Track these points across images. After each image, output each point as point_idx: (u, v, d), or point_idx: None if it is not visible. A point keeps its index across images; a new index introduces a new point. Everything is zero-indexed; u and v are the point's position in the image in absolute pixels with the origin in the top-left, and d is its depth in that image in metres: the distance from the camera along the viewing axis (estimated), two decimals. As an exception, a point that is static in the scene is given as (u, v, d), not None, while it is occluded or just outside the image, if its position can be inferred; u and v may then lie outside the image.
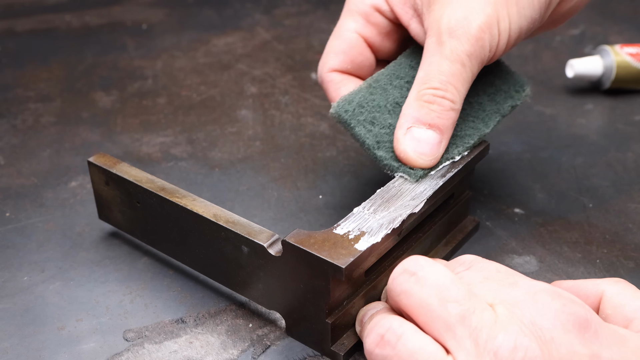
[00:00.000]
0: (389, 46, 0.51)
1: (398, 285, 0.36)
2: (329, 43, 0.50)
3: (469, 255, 0.40)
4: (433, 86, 0.44)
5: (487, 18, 0.43)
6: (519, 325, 0.33)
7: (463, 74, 0.44)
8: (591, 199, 0.57)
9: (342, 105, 0.46)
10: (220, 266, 0.46)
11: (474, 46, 0.43)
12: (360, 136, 0.45)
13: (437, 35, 0.44)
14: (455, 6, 0.44)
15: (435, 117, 0.44)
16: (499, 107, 0.49)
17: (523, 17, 0.44)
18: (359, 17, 0.49)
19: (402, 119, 0.45)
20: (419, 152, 0.44)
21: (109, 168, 0.49)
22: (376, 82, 0.48)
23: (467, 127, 0.47)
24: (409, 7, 0.48)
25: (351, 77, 0.50)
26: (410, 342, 0.35)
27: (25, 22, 0.90)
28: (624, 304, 0.37)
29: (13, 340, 0.45)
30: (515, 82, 0.50)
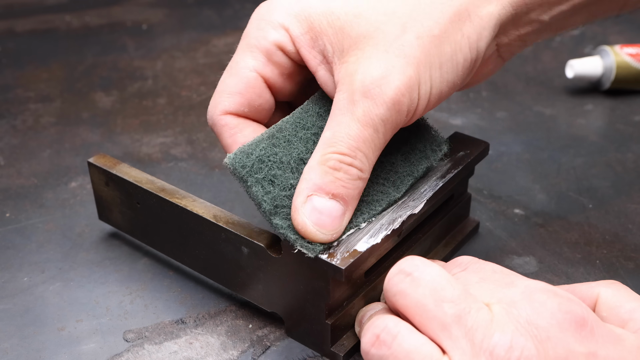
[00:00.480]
0: (290, 88, 0.45)
1: (394, 286, 0.36)
2: (223, 80, 0.44)
3: (465, 257, 0.41)
4: (340, 151, 0.39)
5: (408, 80, 0.39)
6: (515, 325, 0.34)
7: (375, 141, 0.39)
8: (591, 200, 0.57)
9: (239, 159, 0.41)
10: (220, 267, 0.46)
11: (389, 111, 0.39)
12: (257, 198, 0.40)
13: (350, 92, 0.39)
14: (372, 61, 0.39)
15: (340, 187, 0.39)
16: (412, 168, 0.44)
17: (445, 82, 0.41)
18: (260, 54, 0.43)
19: (302, 184, 0.40)
20: (319, 225, 0.39)
21: (109, 169, 0.49)
22: (280, 132, 0.42)
23: (375, 191, 0.42)
24: (317, 52, 0.42)
25: (248, 121, 0.44)
26: (405, 342, 0.35)
27: (25, 23, 0.90)
28: (619, 306, 0.37)
29: (13, 340, 0.45)
30: (432, 140, 0.46)
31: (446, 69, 0.40)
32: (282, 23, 0.42)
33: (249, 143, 0.41)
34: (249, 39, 0.43)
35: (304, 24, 0.42)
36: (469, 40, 0.41)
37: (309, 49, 0.42)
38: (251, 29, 0.44)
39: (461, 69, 0.41)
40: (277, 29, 0.42)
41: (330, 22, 0.41)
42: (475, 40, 0.41)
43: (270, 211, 0.40)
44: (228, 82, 0.44)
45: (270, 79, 0.43)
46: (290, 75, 0.44)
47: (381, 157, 0.43)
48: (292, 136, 0.42)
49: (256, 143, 0.41)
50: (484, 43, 0.41)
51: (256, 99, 0.43)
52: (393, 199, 0.43)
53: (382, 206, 0.42)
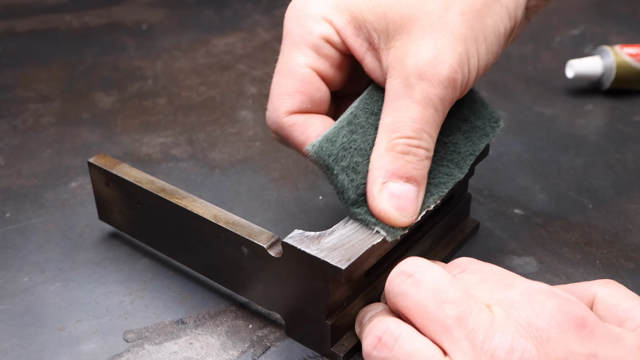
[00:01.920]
0: (341, 78, 0.45)
1: (395, 287, 0.37)
2: (277, 83, 0.44)
3: (464, 258, 0.41)
4: (406, 135, 0.40)
5: (459, 57, 0.40)
6: (516, 326, 0.34)
7: (436, 119, 0.41)
8: (591, 200, 0.57)
9: (324, 147, 0.41)
10: (221, 267, 0.46)
11: (446, 89, 0.40)
12: (343, 186, 0.41)
13: (404, 77, 0.40)
14: (421, 43, 0.40)
15: (412, 169, 0.40)
16: (474, 147, 0.45)
17: (491, 53, 0.42)
18: (308, 50, 0.43)
19: (374, 172, 0.40)
20: (400, 210, 0.40)
21: (109, 169, 0.49)
22: (355, 119, 0.43)
23: (441, 173, 0.43)
24: (363, 40, 0.42)
25: (314, 115, 0.44)
26: (407, 344, 0.35)
27: (25, 23, 0.90)
28: (616, 305, 0.37)
29: (13, 341, 0.45)
30: (489, 116, 0.46)
31: (490, 40, 0.42)
32: (323, 15, 0.43)
33: (330, 130, 0.42)
34: (293, 36, 0.44)
35: (345, 14, 0.42)
36: (507, 9, 0.42)
37: (355, 38, 0.43)
38: (292, 27, 0.44)
39: (503, 38, 0.42)
40: (320, 22, 0.43)
41: (372, 9, 0.42)
42: (513, 8, 0.42)
43: (353, 200, 0.41)
44: (284, 84, 0.44)
45: (323, 71, 0.44)
46: (340, 66, 0.44)
47: (444, 137, 0.44)
48: (365, 122, 0.43)
49: (337, 130, 0.42)
50: (521, 10, 0.43)
51: (316, 94, 0.44)
52: (458, 179, 0.43)
53: (448, 187, 0.43)
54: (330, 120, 0.44)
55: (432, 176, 0.43)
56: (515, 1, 0.42)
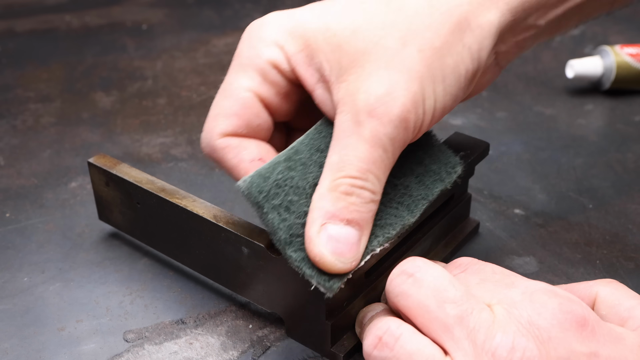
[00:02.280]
0: (287, 107, 0.43)
1: (396, 287, 0.36)
2: (216, 104, 0.42)
3: (464, 258, 0.41)
4: (351, 175, 0.37)
5: (413, 96, 0.37)
6: (517, 326, 0.34)
7: (385, 161, 0.38)
8: (591, 200, 0.57)
9: (256, 183, 0.39)
10: (221, 267, 0.46)
11: (397, 128, 0.37)
12: (273, 225, 0.38)
13: (353, 113, 0.37)
14: (374, 79, 0.37)
15: (354, 211, 0.37)
16: (427, 192, 0.42)
17: (448, 95, 0.39)
18: (254, 74, 0.41)
19: (314, 212, 0.38)
20: (337, 254, 0.37)
21: (109, 169, 0.49)
22: (296, 155, 0.40)
23: (388, 214, 0.41)
24: (314, 70, 0.40)
25: (249, 139, 0.42)
26: (408, 344, 0.35)
27: (25, 23, 0.90)
28: (617, 304, 0.37)
29: (13, 341, 0.45)
30: (446, 160, 0.44)
31: (449, 81, 0.39)
32: (275, 40, 0.40)
33: (266, 165, 0.40)
34: (242, 58, 0.42)
35: (299, 41, 0.40)
36: (470, 50, 0.39)
37: (306, 67, 0.40)
38: (243, 48, 0.42)
39: (464, 80, 0.40)
40: (271, 46, 0.41)
41: (327, 39, 0.39)
42: (477, 50, 0.39)
43: (285, 240, 0.38)
44: (222, 105, 0.42)
45: (267, 98, 0.41)
46: (287, 95, 0.42)
47: (395, 180, 0.42)
48: (308, 159, 0.40)
49: (273, 166, 0.39)
50: (485, 52, 0.40)
51: (254, 119, 0.41)
52: (407, 222, 0.41)
53: (396, 230, 0.40)
54: (266, 146, 0.42)
55: (379, 217, 0.40)
56: (479, 42, 0.39)
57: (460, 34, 0.39)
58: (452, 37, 0.39)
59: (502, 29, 0.40)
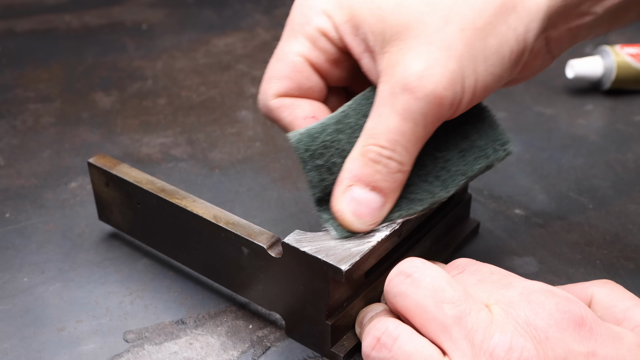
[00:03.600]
0: (340, 74, 0.44)
1: (394, 287, 0.37)
2: (270, 67, 0.44)
3: (462, 259, 0.41)
4: (380, 144, 0.39)
5: (450, 74, 0.38)
6: (515, 326, 0.34)
7: (415, 134, 0.39)
8: (591, 200, 0.57)
9: (304, 141, 0.41)
10: (221, 267, 0.46)
11: (430, 104, 0.38)
12: (312, 183, 0.41)
13: (391, 84, 0.39)
14: (414, 53, 0.38)
15: (380, 180, 0.39)
16: (467, 167, 0.42)
17: (491, 75, 0.39)
18: (304, 40, 0.43)
19: (343, 173, 0.40)
20: (356, 215, 0.40)
21: (109, 169, 0.49)
22: (346, 118, 0.42)
23: (421, 189, 0.41)
24: (360, 40, 0.41)
25: (302, 99, 0.44)
26: (406, 345, 0.35)
27: (25, 23, 0.90)
28: (613, 305, 0.37)
29: (13, 341, 0.45)
30: (495, 137, 0.43)
31: (492, 62, 0.39)
32: (324, 9, 0.42)
33: (317, 124, 0.41)
34: (293, 25, 0.43)
35: (345, 11, 0.41)
36: (515, 32, 0.39)
37: (352, 37, 0.41)
38: (295, 16, 0.44)
39: (507, 61, 0.40)
40: (320, 15, 0.42)
41: (372, 11, 0.40)
42: (523, 32, 0.39)
43: (318, 198, 0.41)
44: (275, 68, 0.44)
45: (317, 63, 0.43)
46: (338, 62, 0.43)
47: (437, 152, 0.42)
48: (355, 123, 0.42)
49: (323, 127, 0.41)
50: (532, 35, 0.40)
51: (305, 82, 0.43)
52: (438, 199, 0.41)
53: (424, 205, 0.41)
54: (320, 105, 0.44)
55: (410, 190, 0.41)
56: (525, 25, 0.39)
57: (505, 15, 0.39)
58: (495, 18, 0.39)
59: (551, 12, 0.40)
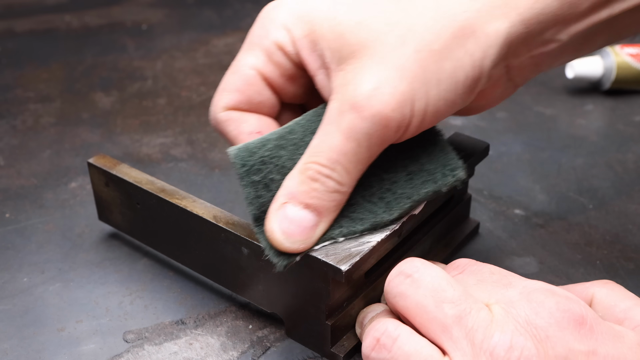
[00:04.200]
0: (295, 90, 0.43)
1: (394, 288, 0.37)
2: (224, 79, 0.43)
3: (462, 259, 0.40)
4: (319, 162, 0.38)
5: (400, 95, 0.37)
6: (515, 325, 0.34)
7: (357, 155, 0.38)
8: (591, 200, 0.57)
9: (242, 155, 0.40)
10: (220, 267, 0.46)
11: (375, 125, 0.37)
12: (248, 199, 0.40)
13: (340, 102, 0.38)
14: (366, 73, 0.37)
15: (315, 198, 0.38)
16: (413, 191, 0.41)
17: (442, 100, 0.38)
18: (260, 53, 0.42)
19: (281, 190, 0.39)
20: (286, 234, 0.38)
21: (109, 169, 0.49)
22: (289, 134, 0.41)
23: (364, 208, 0.41)
24: (317, 56, 0.40)
25: (251, 113, 0.43)
26: (406, 345, 0.35)
27: (25, 23, 0.90)
28: (613, 305, 0.37)
29: (13, 341, 0.45)
30: (445, 162, 0.42)
31: (445, 86, 0.38)
32: (284, 23, 0.41)
33: (257, 140, 0.41)
34: (252, 37, 0.43)
35: (306, 26, 0.41)
36: (472, 57, 0.38)
37: (309, 52, 0.41)
38: (255, 28, 0.43)
39: (462, 87, 0.38)
40: (279, 29, 0.42)
41: (332, 27, 0.40)
42: (480, 58, 0.38)
43: (255, 216, 0.40)
44: (228, 80, 0.43)
45: (271, 78, 0.42)
46: (293, 77, 0.43)
47: (384, 174, 0.42)
48: (300, 140, 0.41)
49: (263, 142, 0.40)
50: (489, 62, 0.39)
51: (255, 96, 0.42)
52: (381, 220, 0.40)
53: (365, 226, 0.40)
54: (268, 120, 0.43)
55: (353, 210, 0.40)
56: (483, 51, 0.38)
57: (463, 39, 0.38)
58: (453, 42, 0.38)
59: (511, 40, 0.39)
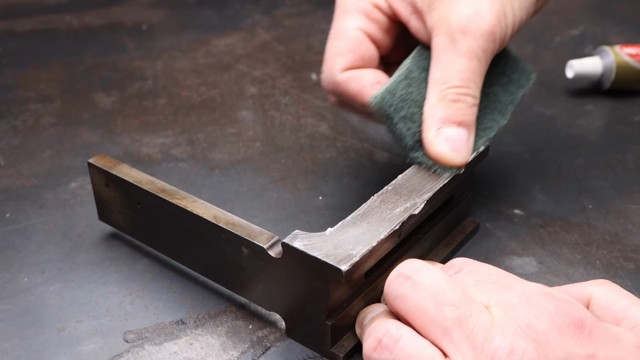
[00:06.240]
0: (389, 42, 0.51)
1: (394, 290, 0.36)
2: (331, 45, 0.49)
3: (459, 259, 0.40)
4: (455, 85, 0.44)
5: (497, 13, 0.44)
6: (515, 328, 0.34)
7: (480, 69, 0.45)
8: (591, 200, 0.57)
9: (385, 98, 0.46)
10: (220, 267, 0.46)
11: (487, 41, 0.44)
12: (402, 133, 0.46)
13: (448, 34, 0.45)
14: (461, 3, 0.45)
15: (462, 115, 0.45)
16: (513, 97, 0.49)
17: (524, 10, 0.46)
18: (359, 15, 0.49)
19: (428, 120, 0.45)
20: (455, 151, 0.45)
21: (109, 169, 0.49)
22: (411, 73, 0.47)
23: (486, 119, 0.48)
24: (407, 4, 0.48)
25: (366, 69, 0.49)
26: (407, 347, 0.35)
27: (26, 23, 0.90)
28: (612, 305, 0.37)
29: (13, 341, 0.45)
30: (522, 70, 0.51)
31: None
32: None
33: (390, 83, 0.46)
34: (345, 4, 0.49)
35: None
36: None
37: (400, 2, 0.48)
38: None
39: None
40: None
41: None
42: None
43: (411, 146, 0.46)
44: (336, 45, 0.49)
45: (373, 34, 0.49)
46: (388, 30, 0.50)
47: (485, 89, 0.48)
48: (418, 77, 0.47)
49: (396, 83, 0.46)
50: None
51: (366, 52, 0.49)
52: (501, 124, 0.48)
53: (495, 131, 0.48)
54: (380, 72, 0.49)
55: (479, 122, 0.47)
56: None
57: None
58: None
59: None
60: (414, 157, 0.46)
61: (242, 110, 0.70)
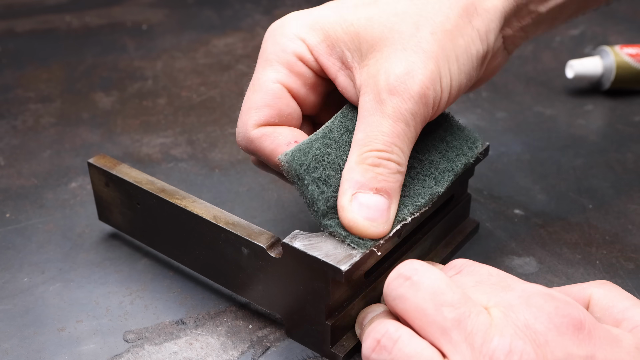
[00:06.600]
0: (314, 100, 0.45)
1: (393, 290, 0.36)
2: (247, 98, 0.45)
3: (459, 259, 0.40)
4: (377, 148, 0.40)
5: (431, 73, 0.41)
6: (514, 329, 0.34)
7: (407, 134, 0.41)
8: (591, 200, 0.57)
9: (297, 156, 0.41)
10: (220, 267, 0.46)
11: (417, 104, 0.40)
12: (313, 197, 0.41)
13: (376, 93, 0.41)
14: (393, 61, 0.41)
15: (382, 181, 0.40)
16: (451, 164, 0.45)
17: (463, 74, 0.42)
18: (281, 67, 0.44)
19: (344, 184, 0.41)
20: (369, 220, 0.40)
21: (109, 169, 0.49)
22: (330, 133, 0.43)
23: (417, 186, 0.43)
24: (335, 59, 0.43)
25: (283, 126, 0.44)
26: (406, 347, 0.35)
27: (26, 23, 0.90)
28: (612, 306, 0.37)
29: (13, 341, 0.45)
30: (466, 137, 0.47)
31: (462, 61, 0.42)
32: (297, 34, 0.44)
33: (304, 142, 0.42)
34: (267, 54, 0.44)
35: (319, 33, 0.43)
36: (479, 32, 0.43)
37: (327, 57, 0.43)
38: (267, 46, 0.45)
39: (475, 60, 0.43)
40: (294, 40, 0.44)
41: (345, 29, 0.42)
42: (485, 32, 0.43)
43: (323, 212, 0.41)
44: (253, 98, 0.44)
45: (294, 89, 0.44)
46: (313, 86, 0.45)
47: (420, 155, 0.45)
48: (339, 138, 0.43)
49: (311, 142, 0.42)
50: (493, 35, 0.43)
51: (285, 108, 0.44)
52: (435, 192, 0.43)
53: (425, 199, 0.43)
54: (299, 131, 0.44)
55: (408, 189, 0.43)
56: (486, 25, 0.43)
57: (468, 17, 0.42)
58: (461, 20, 0.42)
59: (506, 13, 0.44)
60: (325, 224, 0.41)
61: (242, 110, 0.70)
